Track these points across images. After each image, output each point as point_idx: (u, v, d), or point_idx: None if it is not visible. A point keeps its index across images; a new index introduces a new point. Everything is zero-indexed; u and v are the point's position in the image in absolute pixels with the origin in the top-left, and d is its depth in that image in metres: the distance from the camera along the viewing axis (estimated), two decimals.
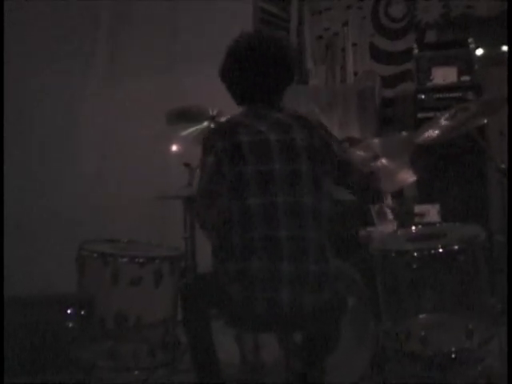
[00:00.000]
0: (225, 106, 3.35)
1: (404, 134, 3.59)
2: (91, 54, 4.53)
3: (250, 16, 4.69)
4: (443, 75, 4.79)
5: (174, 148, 3.85)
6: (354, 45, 5.81)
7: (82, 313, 2.87)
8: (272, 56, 2.45)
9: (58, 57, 4.31)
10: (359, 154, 3.32)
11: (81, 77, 4.46)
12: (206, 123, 3.42)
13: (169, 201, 3.67)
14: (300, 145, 2.38)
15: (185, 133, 3.50)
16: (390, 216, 3.49)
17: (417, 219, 3.91)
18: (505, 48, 4.98)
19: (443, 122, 3.11)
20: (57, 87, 4.26)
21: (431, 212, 4.13)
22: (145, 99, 4.33)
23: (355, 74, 5.78)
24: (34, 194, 4.11)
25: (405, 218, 3.62)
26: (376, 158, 3.30)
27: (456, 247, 2.67)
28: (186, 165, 3.33)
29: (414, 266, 2.66)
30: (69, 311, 2.89)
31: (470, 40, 4.83)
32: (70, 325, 2.86)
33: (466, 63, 4.80)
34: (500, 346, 2.63)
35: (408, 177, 3.23)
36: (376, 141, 3.47)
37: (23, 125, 4.18)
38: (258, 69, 2.45)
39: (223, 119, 3.17)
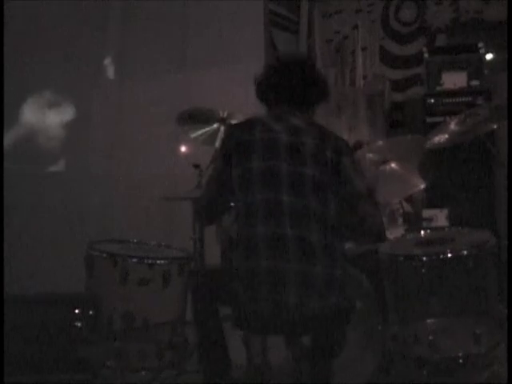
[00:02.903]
0: (235, 108, 3.39)
1: (413, 136, 3.58)
2: (101, 55, 4.56)
3: (261, 18, 4.69)
4: (453, 80, 4.77)
5: (184, 149, 3.87)
6: (364, 48, 5.80)
7: (90, 313, 2.88)
8: (305, 76, 2.58)
9: (69, 58, 4.33)
10: (368, 157, 3.32)
11: (91, 77, 4.48)
12: (215, 125, 3.43)
13: (178, 202, 3.68)
14: (309, 149, 2.40)
15: (195, 134, 3.50)
16: (400, 220, 3.48)
17: (425, 224, 3.90)
18: None
19: (453, 126, 3.11)
20: (67, 88, 4.29)
21: (439, 217, 4.12)
22: (155, 100, 4.34)
23: (365, 77, 5.77)
24: (43, 193, 4.13)
25: (414, 221, 3.61)
26: (385, 162, 3.29)
27: (465, 252, 2.66)
28: (196, 166, 3.34)
29: (423, 271, 2.65)
30: (77, 311, 2.90)
31: (480, 45, 4.82)
32: (78, 324, 2.87)
33: (476, 68, 4.79)
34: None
35: (417, 183, 3.22)
36: (385, 143, 3.45)
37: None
38: (293, 85, 2.55)
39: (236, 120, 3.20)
